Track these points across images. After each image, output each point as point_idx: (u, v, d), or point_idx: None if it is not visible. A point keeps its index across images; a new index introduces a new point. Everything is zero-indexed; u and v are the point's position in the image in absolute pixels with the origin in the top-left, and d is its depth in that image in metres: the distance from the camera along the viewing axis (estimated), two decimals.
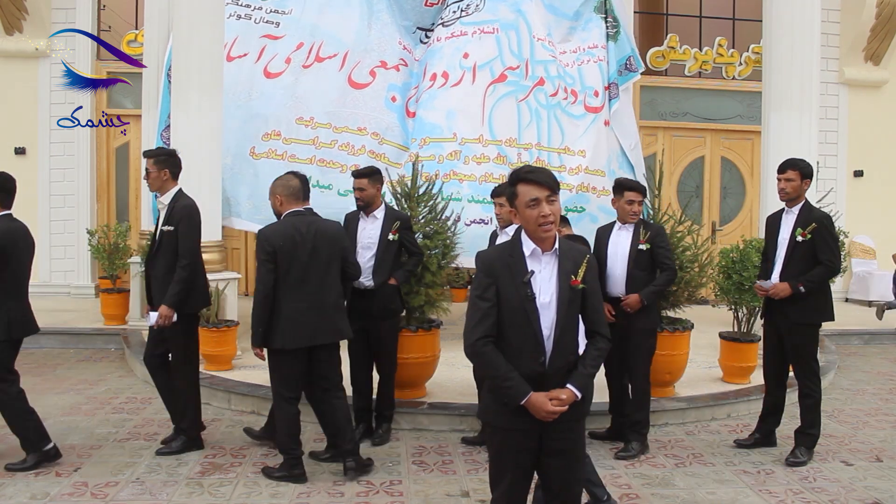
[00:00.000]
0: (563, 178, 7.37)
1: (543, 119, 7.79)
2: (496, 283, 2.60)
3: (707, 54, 11.56)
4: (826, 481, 4.44)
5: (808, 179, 4.75)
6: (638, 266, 4.82)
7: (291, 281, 4.16)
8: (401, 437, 5.15)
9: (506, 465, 2.67)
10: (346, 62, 7.82)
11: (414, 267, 5.19)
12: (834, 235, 4.71)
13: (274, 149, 7.37)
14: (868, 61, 11.62)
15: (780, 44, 7.25)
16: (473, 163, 7.36)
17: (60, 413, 5.52)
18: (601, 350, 2.70)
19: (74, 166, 10.50)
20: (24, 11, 10.12)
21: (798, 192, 4.76)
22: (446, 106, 7.57)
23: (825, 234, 4.64)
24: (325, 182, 7.25)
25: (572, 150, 7.79)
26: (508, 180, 2.68)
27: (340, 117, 7.56)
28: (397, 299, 5.10)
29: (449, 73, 7.70)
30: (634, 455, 4.79)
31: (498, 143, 7.55)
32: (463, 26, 7.92)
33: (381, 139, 7.57)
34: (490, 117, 7.58)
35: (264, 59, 7.82)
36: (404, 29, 8.23)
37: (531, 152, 7.61)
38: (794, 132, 7.16)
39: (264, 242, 4.17)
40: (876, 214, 11.70)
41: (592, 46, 8.22)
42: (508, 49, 7.86)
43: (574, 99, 8.01)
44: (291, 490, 4.18)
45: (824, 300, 4.77)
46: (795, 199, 4.78)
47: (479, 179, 7.29)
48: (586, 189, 7.63)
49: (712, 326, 7.32)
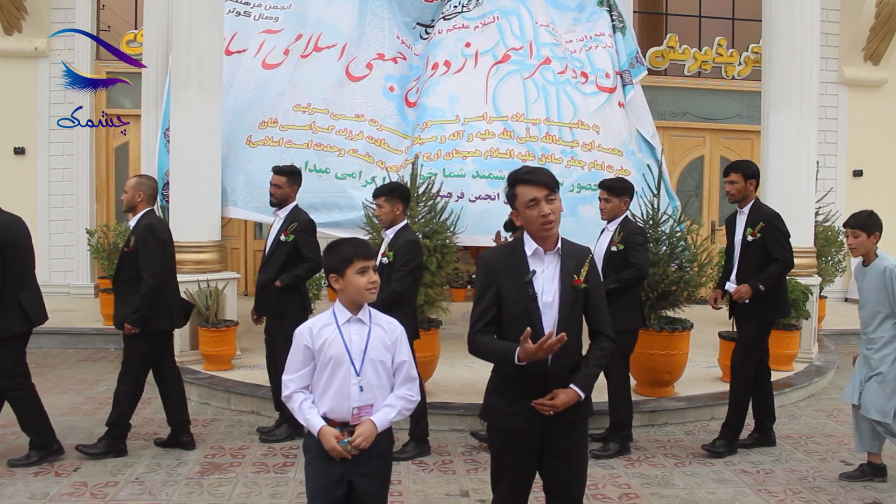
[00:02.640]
0: (574, 154, 7.19)
1: (552, 95, 7.53)
2: (497, 284, 2.61)
3: (706, 54, 11.55)
4: (825, 481, 4.44)
5: (752, 180, 4.85)
6: (610, 266, 4.83)
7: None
8: (399, 436, 5.15)
9: (507, 465, 2.67)
10: (345, 54, 7.78)
11: (305, 273, 5.03)
12: (783, 231, 4.76)
13: (271, 136, 7.30)
14: (867, 61, 11.62)
15: (779, 44, 7.25)
16: (478, 139, 7.15)
17: (60, 413, 5.52)
18: (605, 350, 2.70)
19: (74, 166, 10.49)
20: (24, 11, 10.11)
21: (744, 193, 4.86)
22: (448, 91, 7.47)
23: (774, 232, 4.72)
24: (322, 166, 7.12)
25: (585, 124, 7.44)
26: (507, 182, 2.68)
27: (338, 104, 7.48)
28: (287, 301, 5.01)
29: (451, 61, 7.63)
30: (611, 455, 4.77)
31: (503, 118, 7.31)
32: (465, 20, 7.90)
33: (380, 125, 7.45)
34: (494, 95, 7.42)
35: (263, 52, 7.82)
36: (404, 25, 8.21)
37: (540, 127, 7.31)
38: (793, 132, 7.16)
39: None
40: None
41: (599, 34, 8.03)
42: (510, 32, 7.77)
43: (584, 80, 7.75)
44: (290, 489, 4.18)
45: (780, 297, 4.85)
46: (743, 200, 4.87)
47: (485, 154, 7.06)
48: (601, 167, 7.22)
49: (712, 326, 7.33)
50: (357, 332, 2.58)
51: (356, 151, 7.19)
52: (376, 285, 2.55)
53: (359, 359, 2.55)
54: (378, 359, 2.58)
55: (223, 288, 6.74)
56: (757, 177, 4.90)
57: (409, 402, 2.61)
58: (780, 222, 4.78)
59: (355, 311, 2.58)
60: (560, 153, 7.18)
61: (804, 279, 6.86)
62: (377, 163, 7.14)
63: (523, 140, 7.13)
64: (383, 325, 2.63)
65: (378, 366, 2.58)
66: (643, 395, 5.79)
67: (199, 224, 6.77)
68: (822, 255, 8.67)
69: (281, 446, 4.92)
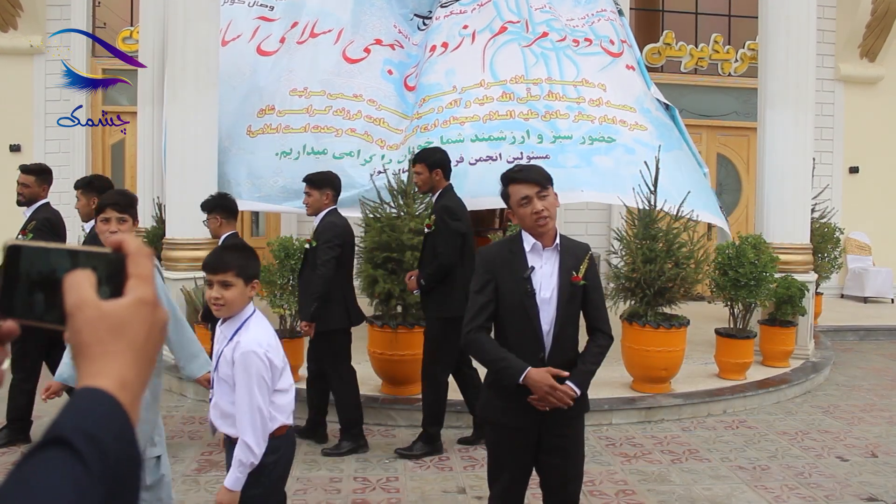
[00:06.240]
0: (582, 110, 6.85)
1: (552, 58, 7.27)
2: (495, 279, 2.61)
3: (703, 51, 11.56)
4: (822, 477, 4.46)
5: (437, 168, 4.62)
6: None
7: None
8: (397, 433, 5.15)
9: (504, 461, 2.68)
10: (341, 38, 7.71)
11: None
12: (449, 228, 4.51)
13: (269, 123, 7.25)
14: (864, 58, 11.64)
15: (775, 40, 7.25)
16: (475, 105, 6.99)
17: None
18: (602, 347, 2.70)
19: (70, 163, 10.47)
20: (19, 8, 10.09)
21: (430, 184, 4.67)
22: (445, 67, 7.38)
23: (440, 226, 4.53)
24: (319, 147, 7.02)
25: (590, 83, 7.09)
26: (500, 181, 2.70)
27: (335, 85, 7.40)
28: None
29: (448, 42, 7.55)
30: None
31: (502, 82, 7.12)
32: (462, 6, 7.88)
33: (379, 105, 7.35)
34: (491, 63, 7.26)
35: (258, 38, 7.80)
36: (402, 17, 8.18)
37: (541, 86, 7.01)
38: (789, 129, 7.16)
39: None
40: (871, 211, 11.73)
41: (601, 10, 7.79)
42: (506, 8, 7.66)
43: (588, 44, 7.47)
44: (288, 487, 4.17)
45: (444, 293, 4.59)
46: (430, 191, 4.73)
47: (483, 118, 6.89)
48: (612, 121, 6.82)
49: (708, 323, 7.34)
50: (219, 341, 2.52)
51: (354, 131, 7.12)
52: (220, 302, 2.46)
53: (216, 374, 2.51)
54: (221, 376, 2.47)
55: None
56: (441, 165, 4.66)
57: (243, 451, 2.38)
58: (451, 217, 4.54)
59: (224, 322, 2.53)
60: (566, 109, 6.88)
61: (801, 276, 6.86)
62: (377, 141, 7.06)
63: (524, 100, 6.94)
64: (242, 342, 2.43)
65: (223, 383, 2.46)
66: (639, 391, 5.80)
67: (195, 221, 6.74)
68: (819, 251, 8.68)
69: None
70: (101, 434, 0.64)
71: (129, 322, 0.71)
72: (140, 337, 0.71)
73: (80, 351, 0.70)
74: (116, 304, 0.71)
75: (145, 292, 0.73)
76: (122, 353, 0.70)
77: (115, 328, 0.70)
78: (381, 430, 5.18)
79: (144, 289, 0.73)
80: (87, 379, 0.68)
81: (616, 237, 6.13)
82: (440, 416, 4.76)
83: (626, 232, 6.02)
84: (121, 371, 0.69)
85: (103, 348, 0.70)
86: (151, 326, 0.73)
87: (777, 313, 6.66)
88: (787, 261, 6.86)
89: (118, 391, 0.68)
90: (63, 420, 0.65)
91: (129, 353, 0.70)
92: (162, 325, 0.74)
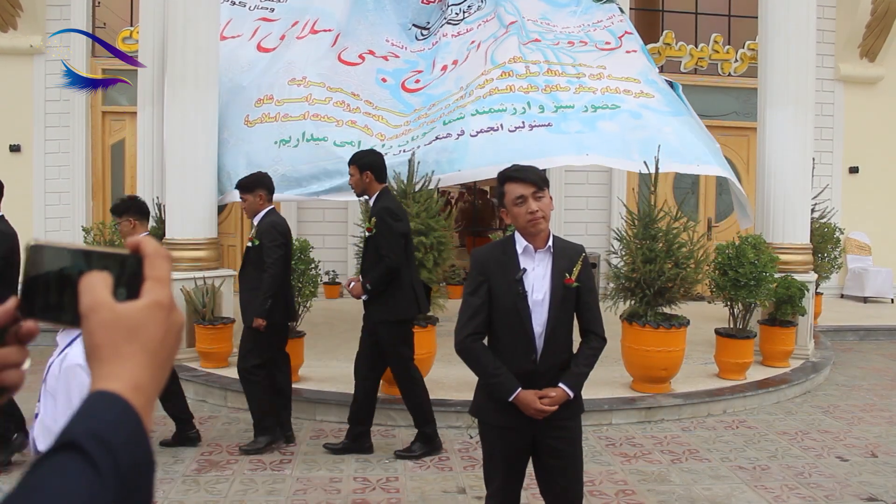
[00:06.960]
0: (583, 83, 6.84)
1: (550, 53, 7.33)
2: (488, 281, 2.61)
3: (703, 51, 11.56)
4: (821, 477, 4.46)
5: (367, 171, 4.58)
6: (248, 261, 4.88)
7: None
8: (397, 433, 5.16)
9: (499, 462, 2.68)
10: (337, 43, 7.79)
11: None
12: (392, 229, 4.47)
13: (267, 112, 7.24)
14: (864, 58, 11.64)
15: (775, 40, 7.25)
16: (477, 90, 7.03)
17: None
18: (595, 349, 2.70)
19: (69, 163, 10.47)
20: (19, 8, 10.08)
21: (362, 186, 4.64)
22: (455, 76, 7.48)
23: (382, 228, 4.47)
24: (320, 134, 6.98)
25: (590, 65, 7.14)
26: (497, 180, 2.70)
27: (334, 80, 7.43)
28: None
29: (458, 59, 7.66)
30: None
31: (501, 65, 7.15)
32: (468, 25, 7.96)
33: (376, 106, 7.40)
34: (492, 56, 7.33)
35: (258, 36, 7.88)
36: (400, 27, 8.21)
37: (540, 65, 7.03)
38: (789, 129, 7.16)
39: None
40: (871, 211, 11.73)
41: (597, 21, 7.89)
42: (506, 12, 7.77)
43: (584, 45, 7.54)
44: (288, 487, 4.18)
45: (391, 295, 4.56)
46: (363, 193, 4.70)
47: (484, 95, 6.91)
48: (615, 91, 6.79)
49: (708, 323, 7.34)
50: (54, 352, 2.23)
51: (354, 123, 7.11)
52: None
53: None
54: (48, 389, 2.19)
55: (219, 285, 6.72)
56: (372, 167, 4.59)
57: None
58: (390, 218, 4.48)
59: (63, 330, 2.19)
60: (566, 83, 6.90)
61: (800, 276, 6.86)
62: (376, 135, 7.06)
63: (523, 76, 6.96)
64: (70, 354, 2.15)
65: (49, 398, 2.18)
66: (639, 391, 5.80)
67: (195, 221, 6.76)
68: (819, 251, 8.68)
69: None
70: (112, 438, 0.63)
71: (143, 325, 0.70)
72: (155, 340, 0.71)
73: (93, 353, 0.69)
74: (131, 306, 0.70)
75: (161, 295, 0.72)
76: (136, 356, 0.69)
77: (130, 331, 0.69)
78: (381, 430, 5.18)
79: (160, 291, 0.72)
80: (100, 382, 0.68)
81: (616, 237, 6.13)
82: (429, 413, 4.76)
83: (626, 232, 6.02)
84: (134, 374, 0.68)
85: (117, 351, 0.69)
86: (167, 330, 0.72)
87: (777, 313, 6.66)
88: (787, 261, 6.87)
89: (131, 394, 0.67)
90: (74, 424, 0.64)
91: (143, 356, 0.69)
92: (178, 329, 0.73)
